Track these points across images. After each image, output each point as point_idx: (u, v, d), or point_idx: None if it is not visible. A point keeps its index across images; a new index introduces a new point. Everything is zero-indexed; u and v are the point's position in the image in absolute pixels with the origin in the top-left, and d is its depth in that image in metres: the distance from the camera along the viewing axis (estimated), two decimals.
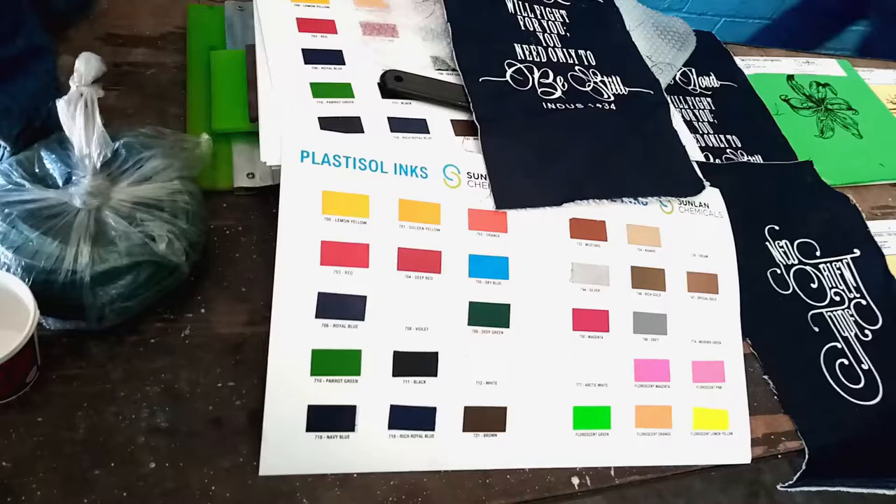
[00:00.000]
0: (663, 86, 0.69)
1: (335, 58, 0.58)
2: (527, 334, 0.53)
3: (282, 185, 0.48)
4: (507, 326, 0.52)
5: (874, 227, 0.81)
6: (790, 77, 0.95)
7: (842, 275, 0.74)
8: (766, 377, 0.63)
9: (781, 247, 0.74)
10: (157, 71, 0.63)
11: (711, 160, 0.79)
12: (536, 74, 0.63)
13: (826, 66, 1.00)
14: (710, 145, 0.81)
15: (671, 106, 0.68)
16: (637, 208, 0.59)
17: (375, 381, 0.48)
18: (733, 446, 0.57)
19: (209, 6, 0.69)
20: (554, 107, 0.62)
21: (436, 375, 0.49)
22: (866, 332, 0.70)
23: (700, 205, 0.62)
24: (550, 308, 0.54)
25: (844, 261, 0.75)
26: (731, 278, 0.60)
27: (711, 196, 0.63)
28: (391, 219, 0.51)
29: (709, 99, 0.87)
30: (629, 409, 0.55)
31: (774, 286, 0.70)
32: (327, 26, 0.60)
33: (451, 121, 0.59)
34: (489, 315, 0.52)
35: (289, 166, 0.49)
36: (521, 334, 0.52)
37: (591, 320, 0.55)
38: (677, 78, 0.87)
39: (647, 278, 0.58)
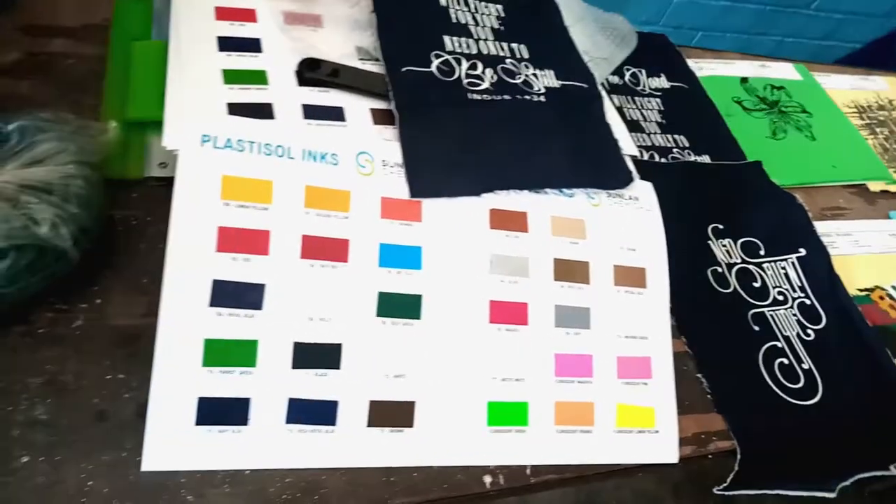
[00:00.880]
0: (599, 80, 0.68)
1: (252, 45, 0.57)
2: (439, 326, 0.51)
3: (178, 168, 0.47)
4: (418, 318, 0.50)
5: (824, 227, 0.80)
6: (744, 80, 0.95)
7: (786, 274, 0.72)
8: (699, 375, 0.62)
9: (724, 246, 0.72)
10: (77, 62, 0.62)
11: (657, 159, 0.78)
12: (464, 66, 0.62)
13: (782, 70, 0.99)
14: (657, 145, 0.80)
15: (605, 100, 0.66)
16: (563, 200, 0.58)
17: (273, 373, 0.46)
18: (659, 445, 0.55)
19: None
20: (479, 98, 0.60)
21: (339, 368, 0.47)
22: (809, 331, 0.68)
23: (630, 198, 0.61)
24: (466, 299, 0.52)
25: (790, 260, 0.73)
26: (660, 273, 0.59)
27: (642, 190, 0.61)
28: (296, 205, 0.49)
29: (658, 99, 0.86)
30: (548, 405, 0.53)
31: (715, 285, 0.68)
32: (247, 15, 0.59)
33: (371, 109, 0.57)
34: (399, 306, 0.50)
35: (187, 150, 0.47)
36: (433, 326, 0.51)
37: (509, 312, 0.53)
38: (627, 79, 0.87)
39: (570, 271, 0.56)
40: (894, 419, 0.66)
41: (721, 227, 0.74)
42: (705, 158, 0.81)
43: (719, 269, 0.70)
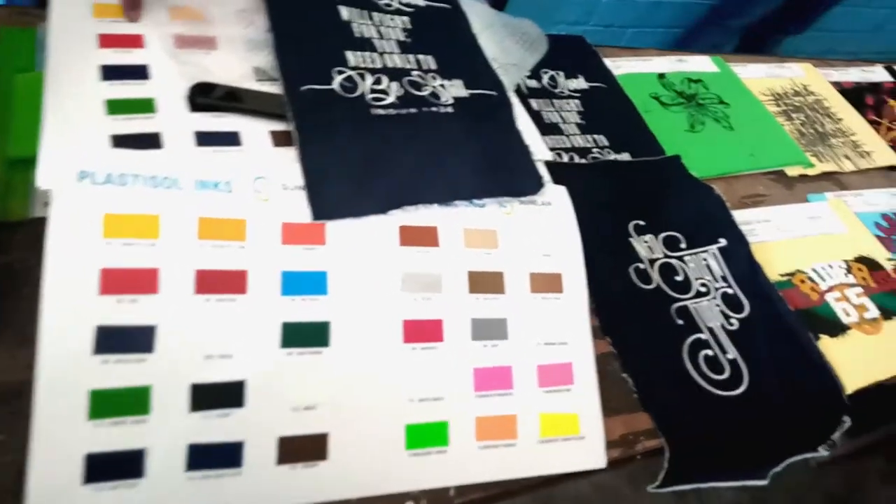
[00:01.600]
0: (509, 86, 0.68)
1: (138, 73, 0.55)
2: (350, 352, 0.49)
3: (51, 209, 0.44)
4: (327, 345, 0.49)
5: (744, 215, 0.81)
6: (661, 75, 0.96)
7: (708, 265, 0.73)
8: (624, 375, 0.61)
9: (646, 241, 0.73)
10: None
11: (576, 160, 0.79)
12: (368, 81, 0.61)
13: (699, 63, 1.01)
14: (577, 146, 0.81)
15: (515, 106, 0.66)
16: (474, 211, 0.57)
17: (169, 419, 0.43)
18: (586, 451, 0.54)
19: (21, 29, 0.64)
20: (384, 113, 0.59)
21: (242, 406, 0.45)
22: (732, 320, 0.69)
23: (543, 203, 0.60)
24: (377, 321, 0.51)
25: (710, 251, 0.74)
26: (576, 276, 0.58)
27: (555, 194, 0.61)
28: (188, 239, 0.47)
29: (577, 101, 0.86)
30: (469, 422, 0.52)
31: (637, 282, 0.69)
32: (133, 41, 0.56)
33: (270, 132, 0.56)
34: (305, 335, 0.48)
35: (62, 189, 0.45)
36: (343, 352, 0.49)
37: (423, 330, 0.52)
38: (545, 82, 0.87)
39: (485, 282, 0.55)
40: (820, 401, 0.67)
41: (642, 223, 0.74)
42: (625, 156, 0.82)
43: (641, 266, 0.70)
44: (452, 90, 0.64)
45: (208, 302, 0.46)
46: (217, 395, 0.45)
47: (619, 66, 0.94)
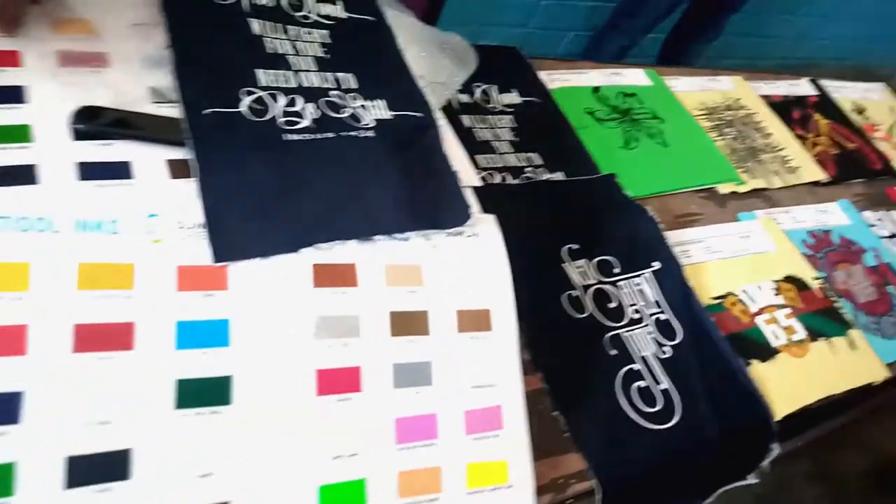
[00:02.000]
0: (437, 106, 0.64)
1: (13, 95, 0.48)
2: (255, 409, 0.45)
3: None
4: (228, 403, 0.44)
5: (678, 236, 0.80)
6: (596, 89, 0.94)
7: (641, 290, 0.71)
8: (555, 413, 0.59)
9: (580, 267, 0.70)
10: None
11: (509, 181, 0.76)
12: (282, 102, 0.56)
13: (633, 77, 1.00)
14: (509, 165, 0.78)
15: (443, 128, 0.62)
16: (396, 245, 0.53)
17: (39, 499, 0.38)
18: (514, 500, 0.51)
19: None
20: (298, 138, 0.54)
21: (128, 479, 0.40)
22: (665, 348, 0.68)
23: (470, 235, 0.57)
24: (287, 373, 0.47)
25: (644, 275, 0.73)
26: (505, 311, 0.55)
27: (484, 224, 0.58)
28: (64, 289, 0.42)
29: (510, 116, 0.84)
30: (390, 477, 0.48)
31: (570, 310, 0.67)
32: (8, 58, 0.50)
33: (167, 162, 0.50)
34: (203, 392, 0.44)
35: None
36: (247, 410, 0.45)
37: (339, 380, 0.48)
38: (477, 96, 0.83)
39: (408, 323, 0.52)
40: (750, 429, 0.67)
41: (576, 247, 0.72)
42: (559, 175, 0.79)
43: (574, 293, 0.68)
44: (374, 112, 0.60)
45: (88, 361, 0.41)
46: (98, 468, 0.40)
47: (554, 79, 0.92)
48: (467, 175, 0.61)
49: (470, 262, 0.56)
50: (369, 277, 0.51)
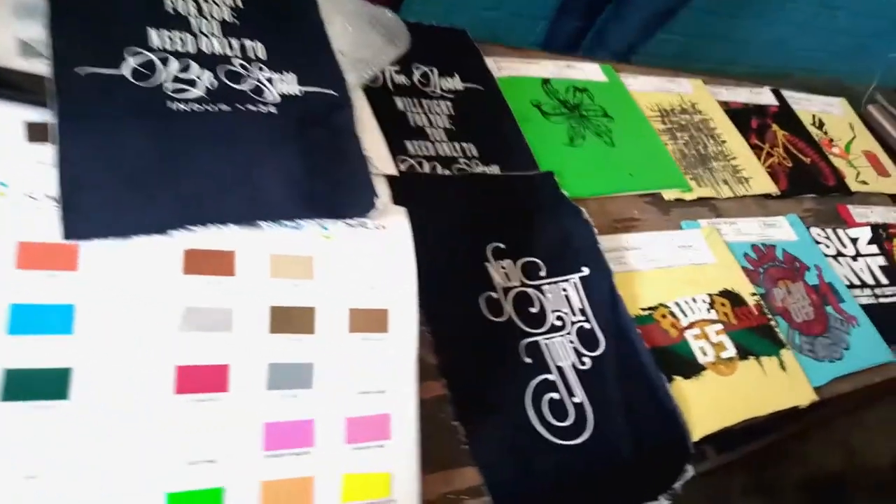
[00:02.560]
0: (354, 85, 0.59)
1: None
2: (96, 406, 0.40)
3: None
4: (64, 398, 0.39)
5: (614, 241, 0.77)
6: (546, 81, 0.90)
7: (567, 296, 0.68)
8: (456, 423, 0.55)
9: (504, 268, 0.67)
10: None
11: (439, 171, 0.71)
12: (173, 67, 0.51)
13: (587, 71, 0.96)
14: (442, 154, 0.73)
15: (360, 108, 0.58)
16: (286, 233, 0.49)
17: None
18: None
19: None
20: (186, 108, 0.49)
21: None
22: (585, 359, 0.64)
23: (376, 227, 0.52)
24: (141, 367, 0.42)
25: (572, 280, 0.69)
26: (406, 313, 0.51)
27: (394, 216, 0.53)
28: None
29: (449, 103, 0.79)
30: (252, 487, 0.44)
31: (486, 313, 0.63)
32: None
33: (27, 123, 0.45)
34: (35, 384, 0.39)
35: None
36: (87, 407, 0.40)
37: (202, 378, 0.43)
38: (416, 78, 0.79)
39: (291, 320, 0.47)
40: (666, 448, 0.64)
41: (502, 246, 0.68)
42: (494, 169, 0.75)
43: (494, 295, 0.64)
44: (282, 86, 0.55)
45: None
46: None
47: (503, 67, 0.87)
48: (382, 162, 0.57)
49: (371, 257, 0.52)
50: (250, 267, 0.47)
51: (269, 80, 0.54)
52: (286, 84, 0.55)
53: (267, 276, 0.47)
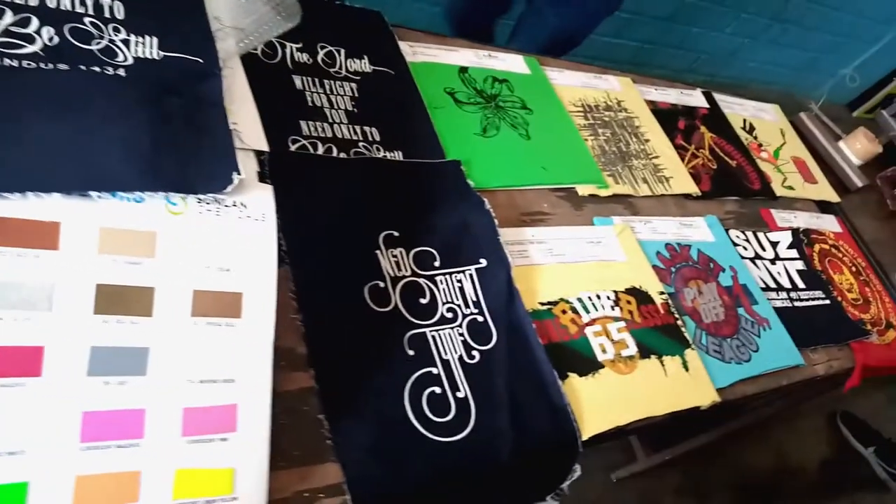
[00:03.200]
0: (230, 55, 0.55)
1: None
2: None
3: None
4: None
5: (519, 234, 0.74)
6: (463, 69, 0.87)
7: (461, 288, 0.65)
8: (321, 416, 0.52)
9: (395, 257, 0.63)
10: None
11: (335, 153, 0.68)
12: (6, 20, 0.46)
13: (510, 62, 0.94)
14: (340, 136, 0.70)
15: (232, 77, 0.54)
16: (123, 206, 0.44)
17: None
18: None
19: None
20: (15, 64, 0.45)
21: None
22: (474, 353, 0.62)
23: (235, 204, 0.48)
24: None
25: (468, 272, 0.66)
26: (263, 298, 0.48)
27: (257, 195, 0.50)
28: None
29: (354, 84, 0.75)
30: (64, 482, 0.39)
31: (370, 303, 0.59)
32: None
33: None
34: None
35: None
36: None
37: (10, 361, 0.39)
38: (320, 58, 0.75)
39: (123, 300, 0.43)
40: (554, 447, 0.62)
41: (396, 234, 0.65)
42: (398, 155, 0.72)
43: (381, 285, 0.61)
44: (139, 49, 0.51)
45: None
46: None
47: (418, 52, 0.84)
48: (253, 137, 0.53)
49: (226, 236, 0.48)
50: (75, 240, 0.42)
51: (125, 42, 0.50)
52: (144, 47, 0.51)
53: (94, 251, 0.43)
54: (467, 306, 0.64)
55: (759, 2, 2.41)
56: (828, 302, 0.97)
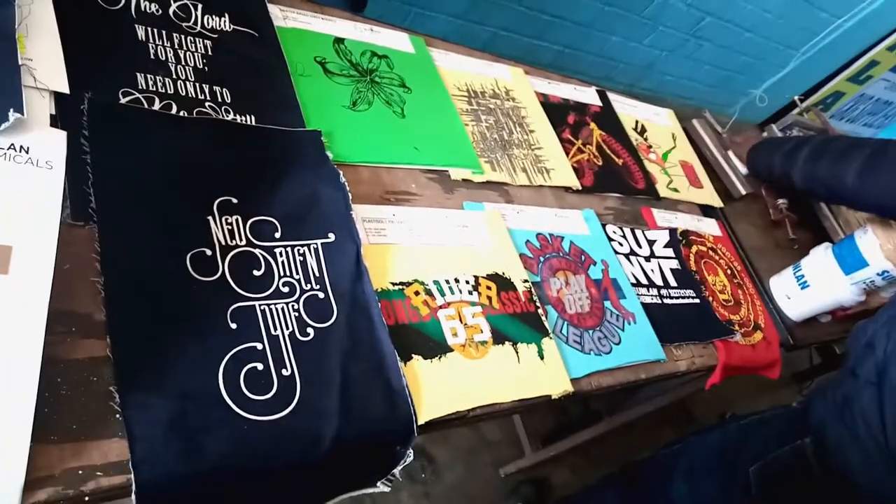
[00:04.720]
0: None
1: None
2: None
3: None
4: None
5: (378, 211, 0.71)
6: (339, 40, 0.84)
7: (304, 262, 0.61)
8: (112, 388, 0.47)
9: (229, 224, 0.59)
10: None
11: (175, 111, 0.63)
12: None
13: (394, 39, 0.91)
14: (183, 94, 0.65)
15: (18, 9, 0.48)
16: None
17: None
18: None
19: None
20: None
21: None
22: (309, 330, 0.58)
23: (12, 147, 0.43)
24: None
25: (312, 246, 0.63)
26: (38, 253, 0.43)
27: (42, 139, 0.44)
28: None
29: (209, 42, 0.71)
30: None
31: (192, 271, 0.55)
32: None
33: None
34: None
35: None
36: None
37: None
38: (173, 10, 0.70)
39: None
40: (385, 430, 0.59)
41: (233, 200, 0.61)
42: (249, 120, 0.68)
43: (208, 253, 0.57)
44: None
45: None
46: None
47: (289, 17, 0.80)
48: (50, 76, 0.47)
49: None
50: None
51: None
52: None
53: None
54: (308, 282, 0.61)
55: (676, 16, 2.48)
56: (697, 301, 0.99)
